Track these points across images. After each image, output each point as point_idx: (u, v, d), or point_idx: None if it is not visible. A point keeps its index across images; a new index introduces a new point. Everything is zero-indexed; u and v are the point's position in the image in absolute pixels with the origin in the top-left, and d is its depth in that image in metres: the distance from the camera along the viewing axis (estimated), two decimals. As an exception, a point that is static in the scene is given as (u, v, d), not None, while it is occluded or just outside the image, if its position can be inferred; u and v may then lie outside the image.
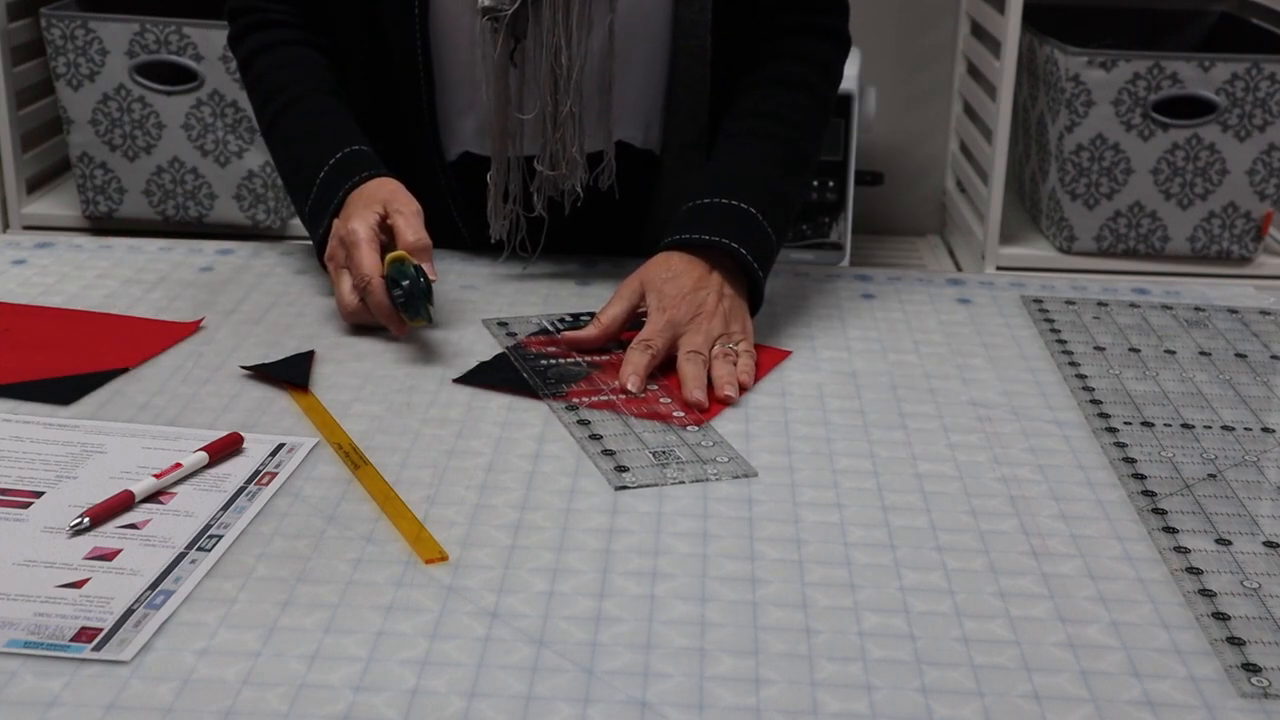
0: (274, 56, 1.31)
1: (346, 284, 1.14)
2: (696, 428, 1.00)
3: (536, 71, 1.21)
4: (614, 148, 1.27)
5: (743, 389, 1.07)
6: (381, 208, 1.16)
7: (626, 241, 1.35)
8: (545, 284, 1.27)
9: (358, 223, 1.14)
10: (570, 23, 1.20)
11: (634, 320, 1.13)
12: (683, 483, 0.93)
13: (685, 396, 1.05)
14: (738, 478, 0.94)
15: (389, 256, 1.12)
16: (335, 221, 1.18)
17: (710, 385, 1.06)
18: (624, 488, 0.92)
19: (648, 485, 0.92)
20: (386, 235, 1.16)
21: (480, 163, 1.28)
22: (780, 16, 1.30)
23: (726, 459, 0.96)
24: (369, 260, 1.12)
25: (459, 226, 1.33)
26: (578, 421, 1.00)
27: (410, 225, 1.15)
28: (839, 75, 1.33)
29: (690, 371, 1.07)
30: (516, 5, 1.18)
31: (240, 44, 1.34)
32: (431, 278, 1.12)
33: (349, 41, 1.31)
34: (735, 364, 1.09)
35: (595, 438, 0.98)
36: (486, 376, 1.07)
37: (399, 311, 1.11)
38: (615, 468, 0.94)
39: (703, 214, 1.19)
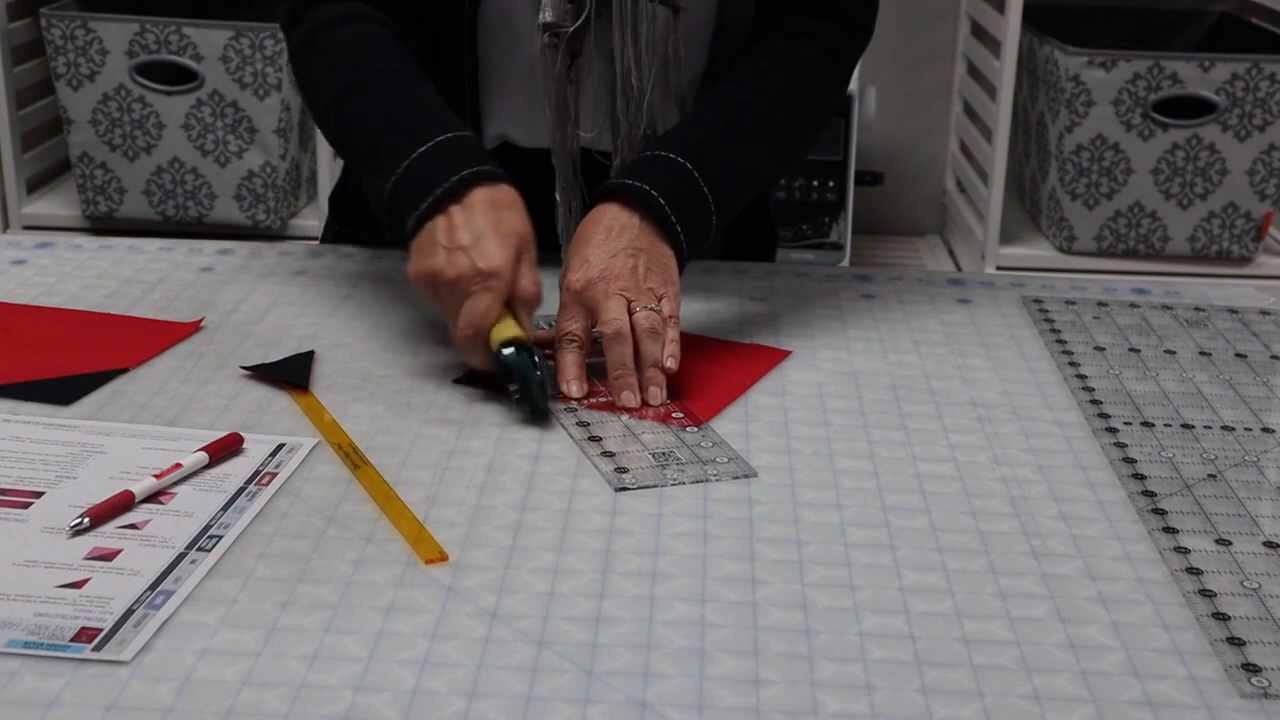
0: (359, 28, 1.19)
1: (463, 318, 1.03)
2: (696, 429, 1.00)
3: (598, 88, 1.21)
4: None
5: (674, 362, 1.03)
6: (517, 244, 1.04)
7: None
8: (544, 285, 1.27)
9: (502, 260, 1.02)
10: (639, 43, 1.18)
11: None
12: (683, 483, 0.93)
13: (616, 401, 1.03)
14: (738, 478, 0.94)
15: (501, 331, 1.02)
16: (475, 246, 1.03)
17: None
18: (624, 489, 0.92)
19: (648, 486, 0.92)
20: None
21: (516, 152, 1.27)
22: (806, 5, 1.26)
23: (726, 459, 0.96)
24: (492, 313, 1.02)
25: None
26: (577, 423, 1.00)
27: (533, 278, 1.04)
28: (850, 64, 1.28)
29: (614, 357, 1.03)
30: (578, 24, 1.17)
31: (310, 11, 1.21)
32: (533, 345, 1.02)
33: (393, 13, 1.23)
34: (662, 333, 1.04)
35: (595, 439, 0.98)
36: (489, 378, 1.07)
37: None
38: (615, 469, 0.94)
39: (631, 166, 1.16)
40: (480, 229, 1.03)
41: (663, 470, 0.94)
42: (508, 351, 1.01)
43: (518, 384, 1.01)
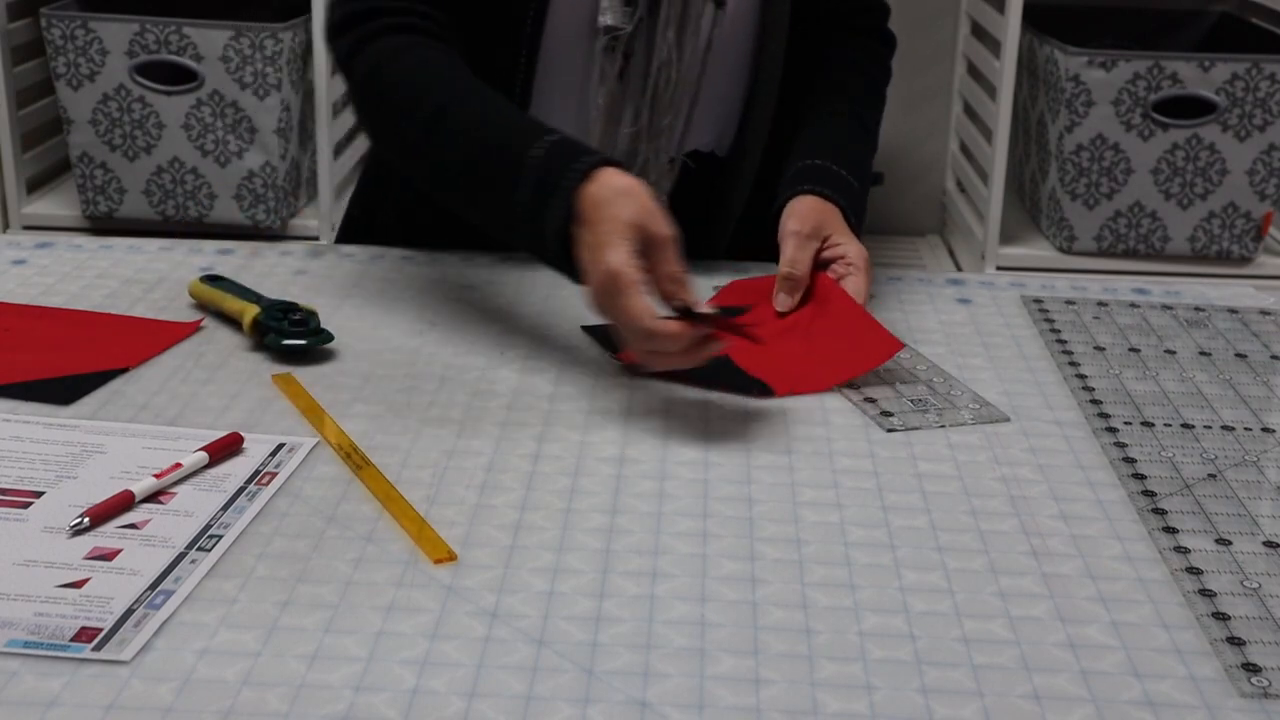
0: (425, 53, 1.18)
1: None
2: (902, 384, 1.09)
3: (638, 86, 1.24)
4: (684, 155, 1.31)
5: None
6: (636, 233, 1.00)
7: (692, 245, 1.30)
8: (544, 285, 1.27)
9: (616, 258, 0.99)
10: (683, 38, 1.23)
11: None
12: (943, 426, 1.02)
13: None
14: (988, 423, 1.03)
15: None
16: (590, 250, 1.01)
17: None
18: (893, 430, 1.01)
19: (914, 429, 1.01)
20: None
21: None
22: (848, 20, 1.41)
23: (978, 405, 1.05)
24: (640, 305, 0.98)
25: None
26: None
27: (670, 258, 1.01)
28: (889, 74, 1.45)
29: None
30: (635, 24, 1.21)
31: (371, 45, 1.19)
32: (703, 309, 0.99)
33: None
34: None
35: (853, 387, 1.07)
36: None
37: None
38: (881, 413, 1.03)
39: (822, 173, 1.28)
40: (602, 252, 1.00)
41: (924, 414, 1.03)
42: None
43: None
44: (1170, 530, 0.89)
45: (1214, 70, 2.39)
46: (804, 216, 1.22)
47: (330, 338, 1.11)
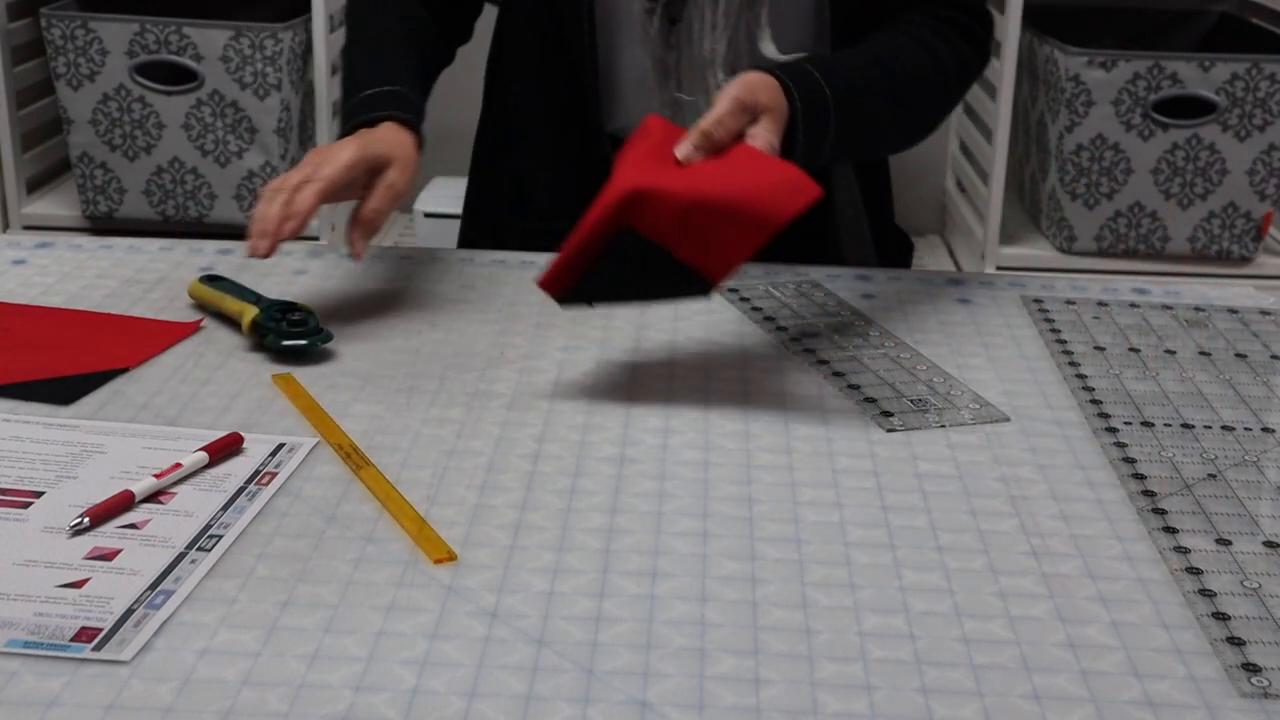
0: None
1: (295, 175, 1.12)
2: (940, 380, 1.08)
3: (698, 52, 1.25)
4: None
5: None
6: (378, 158, 1.16)
7: None
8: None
9: (317, 152, 1.15)
10: (717, 9, 1.23)
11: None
12: (943, 426, 1.01)
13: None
14: (987, 423, 1.03)
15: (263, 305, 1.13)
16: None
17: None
18: (893, 430, 1.01)
19: (914, 429, 1.01)
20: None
21: None
22: (947, 10, 1.30)
23: (978, 405, 1.05)
24: (329, 170, 1.12)
25: None
26: (833, 373, 1.09)
27: (379, 195, 1.15)
28: (969, 81, 1.32)
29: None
30: None
31: None
32: (355, 253, 1.15)
33: (518, 14, 1.35)
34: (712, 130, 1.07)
35: (853, 387, 1.07)
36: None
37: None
38: (881, 413, 1.03)
39: (779, 66, 1.18)
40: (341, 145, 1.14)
41: (924, 414, 1.03)
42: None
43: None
44: (1170, 530, 0.89)
45: (1214, 70, 2.39)
46: (750, 85, 1.09)
47: (330, 337, 1.11)
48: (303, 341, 1.10)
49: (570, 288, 1.04)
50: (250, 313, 1.12)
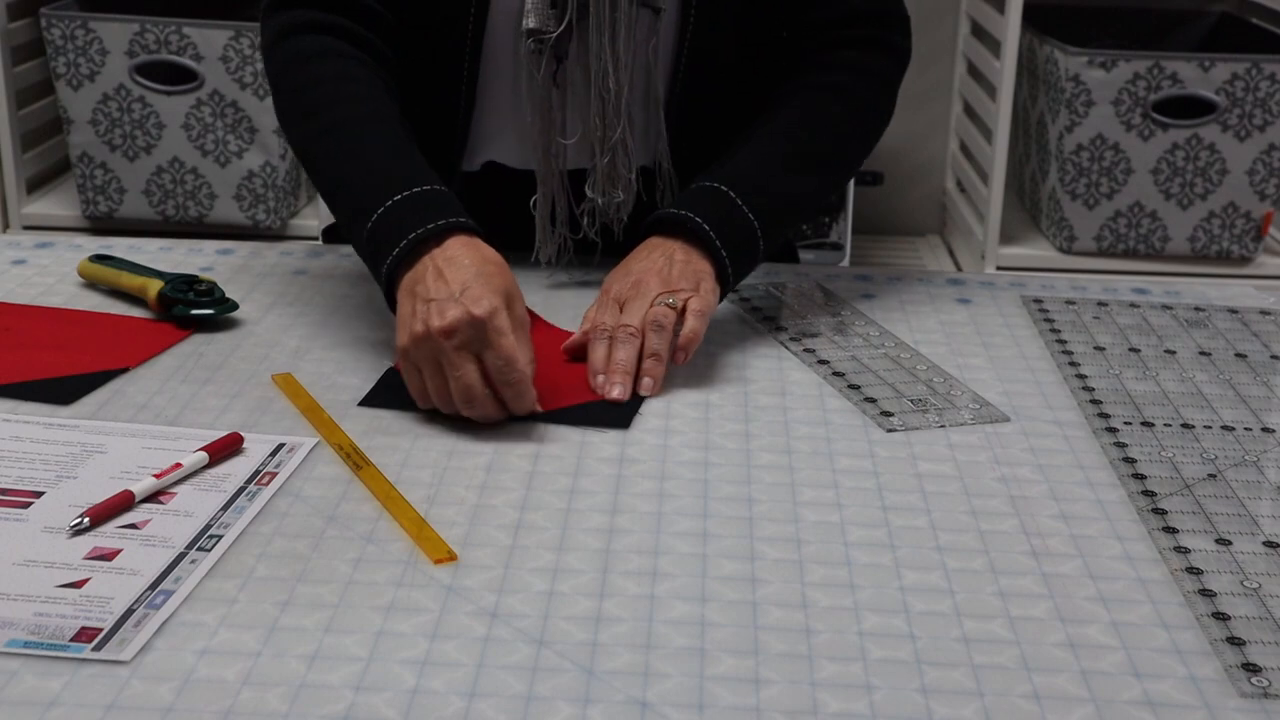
0: (334, 65, 1.17)
1: (473, 372, 0.98)
2: (940, 380, 1.09)
3: (581, 94, 1.20)
4: (668, 162, 1.25)
5: (683, 354, 1.06)
6: (503, 299, 1.00)
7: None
8: (544, 285, 1.27)
9: (494, 310, 0.98)
10: (617, 46, 1.18)
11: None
12: (943, 426, 1.01)
13: (594, 388, 1.05)
14: (987, 423, 1.03)
15: None
16: (462, 304, 0.98)
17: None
18: (894, 430, 1.01)
19: (914, 429, 1.01)
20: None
21: (505, 173, 1.28)
22: (842, 30, 1.26)
23: (978, 405, 1.05)
24: (524, 348, 1.00)
25: None
26: (833, 373, 1.09)
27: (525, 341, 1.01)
28: (892, 84, 1.28)
29: (598, 355, 1.06)
30: (562, 28, 1.17)
31: (286, 39, 1.20)
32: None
33: (404, 40, 1.23)
34: (669, 327, 1.06)
35: (854, 387, 1.07)
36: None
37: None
38: (881, 413, 1.03)
39: (678, 198, 1.18)
40: (468, 279, 1.00)
41: (924, 414, 1.03)
42: None
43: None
44: (1170, 530, 0.89)
45: (1214, 70, 2.39)
46: (627, 276, 1.11)
47: (235, 306, 1.16)
48: (210, 311, 1.14)
49: None
50: (155, 285, 1.16)
